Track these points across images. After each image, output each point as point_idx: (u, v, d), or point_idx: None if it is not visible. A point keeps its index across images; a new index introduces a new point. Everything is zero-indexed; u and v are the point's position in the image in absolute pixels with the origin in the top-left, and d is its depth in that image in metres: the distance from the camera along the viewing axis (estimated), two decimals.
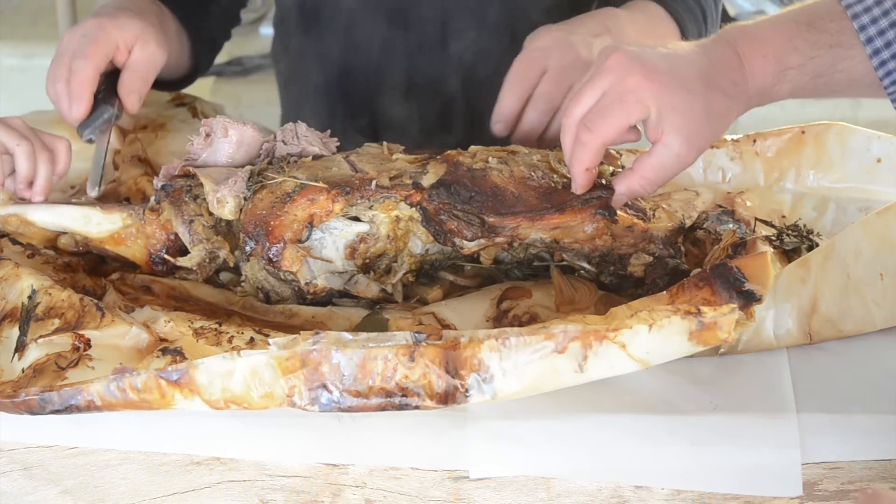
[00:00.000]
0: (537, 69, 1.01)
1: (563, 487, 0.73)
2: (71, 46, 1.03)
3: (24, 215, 0.94)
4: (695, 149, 0.81)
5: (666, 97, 0.79)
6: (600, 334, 0.70)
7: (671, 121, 0.79)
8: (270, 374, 0.71)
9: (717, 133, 0.82)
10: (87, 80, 1.01)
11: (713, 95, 0.80)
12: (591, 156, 0.83)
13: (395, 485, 0.74)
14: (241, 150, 0.94)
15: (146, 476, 0.76)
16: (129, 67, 1.05)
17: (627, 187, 0.84)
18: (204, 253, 0.89)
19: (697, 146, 0.81)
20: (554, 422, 0.74)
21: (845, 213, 0.98)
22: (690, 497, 0.73)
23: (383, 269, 0.89)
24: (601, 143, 0.82)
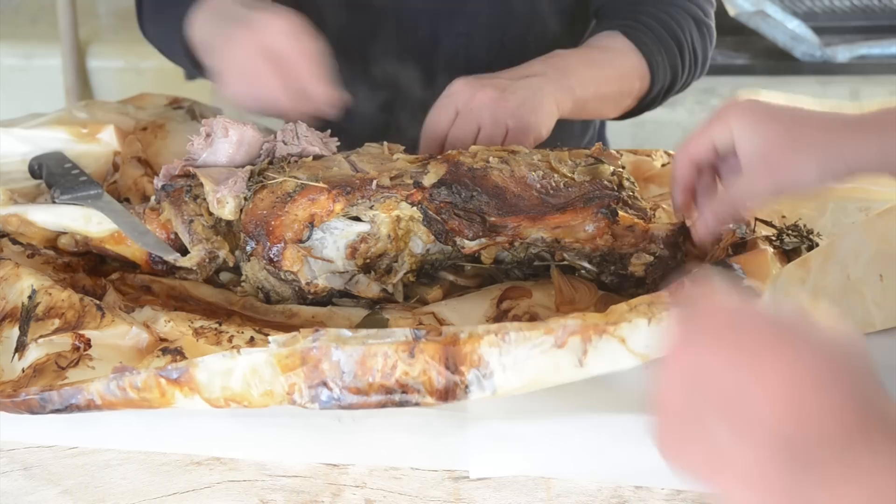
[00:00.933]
0: (449, 114, 1.02)
1: (563, 487, 0.73)
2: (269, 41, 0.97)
3: (24, 215, 0.94)
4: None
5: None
6: (600, 328, 0.70)
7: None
8: (270, 372, 0.71)
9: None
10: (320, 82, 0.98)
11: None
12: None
13: (395, 485, 0.74)
14: (242, 150, 0.94)
15: (146, 476, 0.76)
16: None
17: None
18: (204, 253, 0.89)
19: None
20: (554, 422, 0.74)
21: (845, 214, 0.98)
22: (690, 497, 0.73)
23: (384, 268, 0.89)
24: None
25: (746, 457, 0.50)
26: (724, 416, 0.51)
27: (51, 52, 2.37)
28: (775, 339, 0.51)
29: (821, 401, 0.49)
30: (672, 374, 0.55)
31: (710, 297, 0.56)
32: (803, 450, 0.48)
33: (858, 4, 2.64)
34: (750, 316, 0.53)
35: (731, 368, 0.51)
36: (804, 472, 0.48)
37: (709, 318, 0.54)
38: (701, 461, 0.52)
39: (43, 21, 2.52)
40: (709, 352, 0.53)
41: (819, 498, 0.47)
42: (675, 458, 0.54)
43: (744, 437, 0.50)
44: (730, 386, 0.51)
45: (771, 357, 0.50)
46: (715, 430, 0.51)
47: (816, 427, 0.48)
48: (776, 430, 0.49)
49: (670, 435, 0.54)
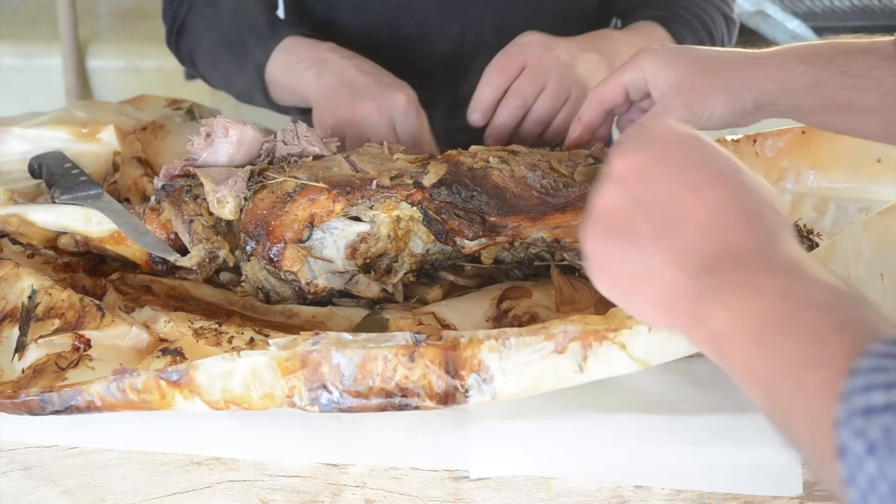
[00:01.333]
0: (517, 63, 1.03)
1: (563, 487, 0.73)
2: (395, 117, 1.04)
3: (24, 215, 0.94)
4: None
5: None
6: (600, 334, 0.70)
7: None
8: (270, 375, 0.71)
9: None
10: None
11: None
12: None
13: (395, 485, 0.74)
14: (242, 150, 0.94)
15: (146, 476, 0.76)
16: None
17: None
18: (204, 253, 0.89)
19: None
20: (554, 422, 0.74)
21: (845, 214, 0.98)
22: (690, 497, 0.73)
23: (384, 268, 0.89)
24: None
25: (668, 266, 0.55)
26: (654, 228, 0.56)
27: (51, 52, 2.37)
28: (718, 174, 0.57)
29: (742, 230, 0.54)
30: (617, 181, 0.59)
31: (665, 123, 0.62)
32: (715, 264, 0.54)
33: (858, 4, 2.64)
34: (698, 147, 0.59)
35: (674, 193, 0.56)
36: (708, 283, 0.53)
37: (662, 138, 0.60)
38: (623, 265, 0.57)
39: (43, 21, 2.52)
40: (658, 172, 0.58)
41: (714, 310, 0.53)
42: (599, 257, 0.59)
43: (668, 249, 0.56)
44: (669, 206, 0.56)
45: (711, 191, 0.56)
46: (642, 237, 0.57)
47: (732, 249, 0.54)
48: (698, 247, 0.55)
49: (601, 236, 0.59)
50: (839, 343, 0.47)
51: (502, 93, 1.04)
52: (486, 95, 1.04)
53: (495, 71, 1.04)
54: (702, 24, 1.19)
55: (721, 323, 0.52)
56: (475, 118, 1.05)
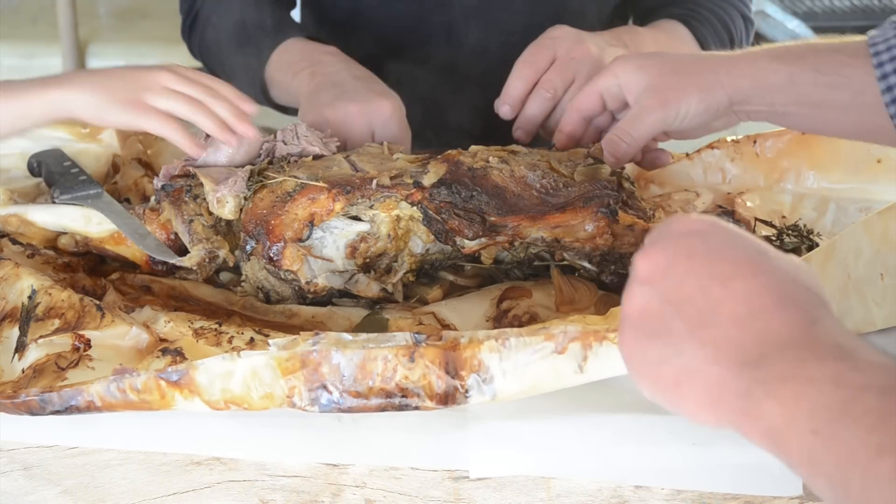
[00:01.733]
0: (547, 56, 1.03)
1: (563, 487, 0.73)
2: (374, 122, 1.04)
3: (24, 215, 0.94)
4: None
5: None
6: (600, 335, 0.70)
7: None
8: (270, 375, 0.71)
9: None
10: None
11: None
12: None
13: (395, 485, 0.74)
14: (242, 150, 0.94)
15: (146, 476, 0.76)
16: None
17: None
18: (204, 252, 0.89)
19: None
20: (554, 422, 0.74)
21: (845, 214, 0.98)
22: (690, 497, 0.73)
23: (384, 268, 0.89)
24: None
25: (708, 363, 0.53)
26: (688, 326, 0.54)
27: (51, 52, 2.37)
28: (746, 263, 0.55)
29: (779, 317, 0.53)
30: (644, 282, 0.57)
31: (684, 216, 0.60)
32: (758, 355, 0.52)
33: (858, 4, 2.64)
34: (722, 237, 0.57)
35: (704, 287, 0.55)
36: (756, 377, 0.51)
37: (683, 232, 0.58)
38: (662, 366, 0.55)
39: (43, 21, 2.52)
40: (684, 268, 0.56)
41: (766, 405, 0.50)
42: (637, 361, 0.58)
43: (706, 345, 0.54)
44: (700, 301, 0.54)
45: (741, 280, 0.54)
46: (677, 336, 0.55)
47: (773, 338, 0.52)
48: (736, 338, 0.53)
49: (636, 340, 0.57)
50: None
51: (532, 85, 1.03)
52: (517, 88, 1.03)
53: (525, 64, 1.04)
54: (722, 23, 1.20)
55: (776, 418, 0.50)
56: (504, 111, 1.05)
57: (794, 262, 0.56)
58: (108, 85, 0.90)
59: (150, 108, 0.90)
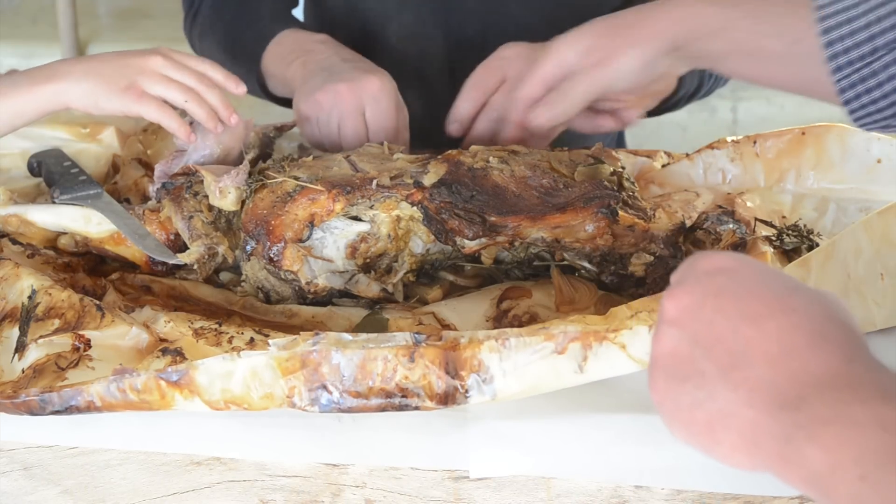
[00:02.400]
0: (496, 78, 1.03)
1: (563, 487, 0.73)
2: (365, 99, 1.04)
3: (24, 215, 0.94)
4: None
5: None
6: (600, 335, 0.70)
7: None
8: (270, 375, 0.71)
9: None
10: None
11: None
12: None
13: (395, 485, 0.74)
14: (227, 134, 0.95)
15: (146, 476, 0.76)
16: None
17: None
18: (203, 249, 0.89)
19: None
20: (554, 422, 0.74)
21: (846, 214, 0.98)
22: (690, 497, 0.73)
23: (384, 268, 0.89)
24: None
25: (742, 406, 0.51)
26: (720, 368, 0.52)
27: (51, 52, 2.37)
28: (776, 300, 0.53)
29: (815, 356, 0.51)
30: (672, 324, 0.56)
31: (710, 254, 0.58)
32: (795, 398, 0.50)
33: None
34: (749, 275, 0.55)
35: (734, 327, 0.53)
36: (795, 421, 0.49)
37: (710, 271, 0.56)
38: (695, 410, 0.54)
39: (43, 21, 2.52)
40: (712, 308, 0.54)
41: (808, 450, 0.48)
42: (669, 406, 0.56)
43: (739, 387, 0.52)
44: (730, 342, 0.52)
45: (772, 319, 0.52)
46: (709, 379, 0.53)
47: (807, 377, 0.50)
48: (770, 379, 0.51)
49: (666, 383, 0.56)
50: None
51: (480, 106, 1.04)
52: (465, 110, 1.04)
53: (474, 87, 1.04)
54: None
55: (819, 464, 0.48)
56: (453, 129, 1.05)
57: (826, 298, 0.54)
58: (101, 72, 0.90)
59: (145, 94, 0.90)
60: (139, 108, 0.90)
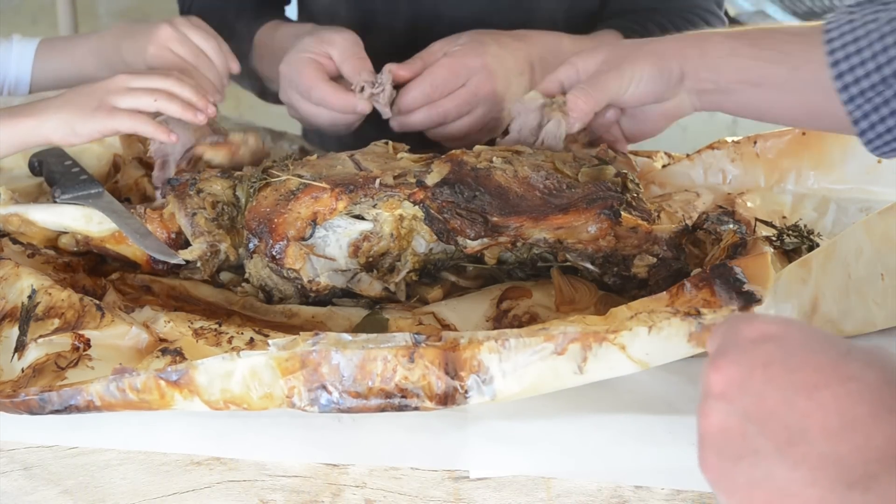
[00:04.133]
0: (456, 83, 1.05)
1: (563, 487, 0.73)
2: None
3: (25, 215, 0.94)
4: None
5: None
6: (600, 336, 0.70)
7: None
8: (270, 375, 0.70)
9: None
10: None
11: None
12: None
13: (395, 485, 0.74)
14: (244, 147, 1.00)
15: (146, 476, 0.76)
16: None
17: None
18: (205, 246, 0.90)
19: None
20: (554, 422, 0.74)
21: (846, 214, 0.98)
22: (690, 497, 0.73)
23: (386, 267, 0.89)
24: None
25: (805, 485, 0.48)
26: (776, 444, 0.49)
27: None
28: (830, 368, 0.50)
29: (880, 429, 0.47)
30: (720, 398, 0.53)
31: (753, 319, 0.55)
32: (861, 474, 0.47)
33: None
34: (798, 341, 0.52)
35: (787, 400, 0.50)
36: (865, 500, 0.47)
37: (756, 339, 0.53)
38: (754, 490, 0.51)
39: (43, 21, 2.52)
40: (762, 380, 0.51)
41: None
42: (725, 486, 0.53)
43: (800, 465, 0.49)
44: (785, 416, 0.49)
45: (828, 389, 0.49)
46: (764, 457, 0.50)
47: (874, 452, 0.47)
48: (833, 455, 0.48)
49: (719, 462, 0.53)
50: None
51: (428, 101, 1.05)
52: (415, 99, 1.05)
53: (432, 85, 1.05)
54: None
55: None
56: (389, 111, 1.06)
57: (881, 358, 0.50)
58: (73, 101, 0.95)
59: (115, 109, 0.94)
60: (112, 123, 0.94)
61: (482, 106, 1.05)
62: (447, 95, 1.05)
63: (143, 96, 0.95)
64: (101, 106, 0.93)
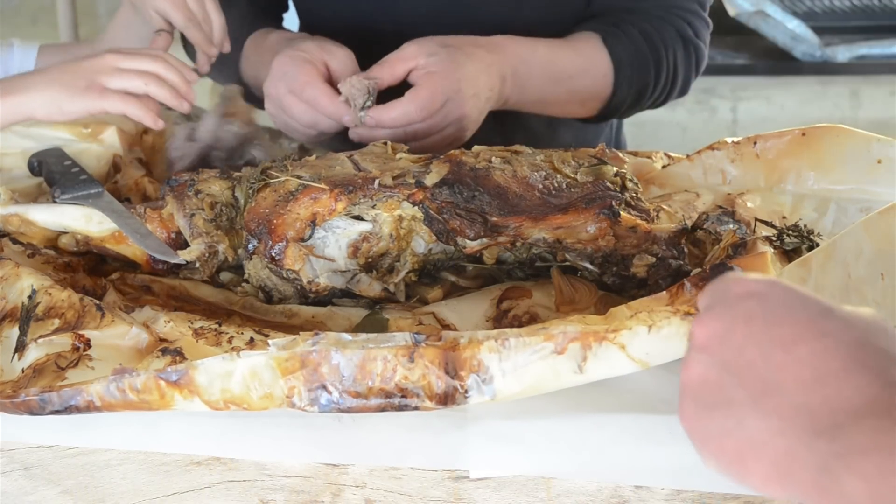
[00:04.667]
0: (432, 110, 1.06)
1: (563, 487, 0.73)
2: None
3: (25, 215, 0.94)
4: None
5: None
6: (600, 335, 0.70)
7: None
8: (270, 375, 0.70)
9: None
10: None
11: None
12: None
13: (395, 485, 0.74)
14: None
15: (146, 476, 0.76)
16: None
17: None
18: (203, 247, 0.90)
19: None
20: (554, 422, 0.74)
21: (846, 214, 0.98)
22: (690, 497, 0.73)
23: (386, 268, 0.89)
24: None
25: (774, 434, 0.50)
26: (751, 395, 0.51)
27: None
28: (809, 324, 0.52)
29: (850, 382, 0.49)
30: (702, 350, 0.55)
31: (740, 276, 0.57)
32: (831, 425, 0.48)
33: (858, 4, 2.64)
34: (780, 298, 0.54)
35: (765, 354, 0.52)
36: (831, 450, 0.48)
37: (740, 295, 0.55)
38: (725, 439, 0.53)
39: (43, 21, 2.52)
40: (743, 334, 0.53)
41: (846, 478, 0.47)
42: (699, 435, 0.55)
43: (771, 415, 0.50)
44: (762, 369, 0.51)
45: (804, 344, 0.51)
46: (739, 406, 0.52)
47: (843, 403, 0.49)
48: (804, 406, 0.50)
49: (696, 411, 0.55)
50: None
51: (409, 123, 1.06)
52: (394, 120, 1.05)
53: (418, 108, 1.05)
54: (650, 45, 1.18)
55: (858, 494, 0.46)
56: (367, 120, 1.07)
57: (864, 320, 0.52)
58: (60, 79, 0.94)
59: (106, 90, 0.94)
60: (103, 104, 0.94)
61: (451, 127, 1.06)
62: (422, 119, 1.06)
63: (134, 78, 0.95)
64: (92, 86, 0.93)
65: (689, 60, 1.23)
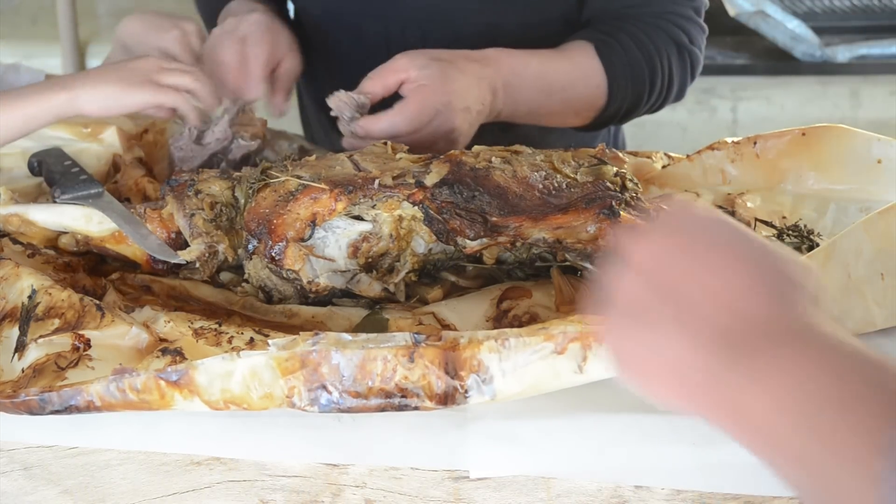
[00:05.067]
0: (421, 124, 1.05)
1: (563, 487, 0.73)
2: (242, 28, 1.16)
3: (25, 215, 0.94)
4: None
5: None
6: (600, 335, 0.70)
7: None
8: (270, 375, 0.71)
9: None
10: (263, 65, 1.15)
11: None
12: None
13: (395, 485, 0.74)
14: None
15: (146, 476, 0.76)
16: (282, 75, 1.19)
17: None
18: (203, 247, 0.90)
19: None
20: (554, 422, 0.74)
21: (846, 214, 0.98)
22: (690, 497, 0.73)
23: (386, 268, 0.89)
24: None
25: (685, 348, 0.53)
26: (675, 314, 0.54)
27: (51, 52, 2.37)
28: (726, 244, 0.56)
29: (756, 300, 0.53)
30: (635, 269, 0.57)
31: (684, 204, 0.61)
32: (735, 339, 0.52)
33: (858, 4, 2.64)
34: (719, 230, 0.57)
35: (695, 277, 0.55)
36: (732, 359, 0.51)
37: (681, 222, 0.58)
38: (648, 356, 0.55)
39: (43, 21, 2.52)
40: (677, 258, 0.56)
41: (745, 387, 0.50)
42: (618, 344, 0.57)
43: (682, 325, 0.54)
44: (690, 290, 0.54)
45: (731, 271, 0.54)
46: (662, 323, 0.55)
47: (749, 321, 0.52)
48: (712, 319, 0.53)
49: (620, 323, 0.57)
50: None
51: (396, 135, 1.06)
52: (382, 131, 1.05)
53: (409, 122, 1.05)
54: (643, 52, 1.18)
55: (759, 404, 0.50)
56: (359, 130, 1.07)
57: (787, 259, 0.56)
58: (117, 75, 1.01)
59: (161, 85, 1.02)
60: (162, 98, 1.01)
61: (441, 141, 1.06)
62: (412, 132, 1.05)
63: (186, 77, 1.03)
64: (147, 81, 1.01)
65: (683, 66, 1.22)
